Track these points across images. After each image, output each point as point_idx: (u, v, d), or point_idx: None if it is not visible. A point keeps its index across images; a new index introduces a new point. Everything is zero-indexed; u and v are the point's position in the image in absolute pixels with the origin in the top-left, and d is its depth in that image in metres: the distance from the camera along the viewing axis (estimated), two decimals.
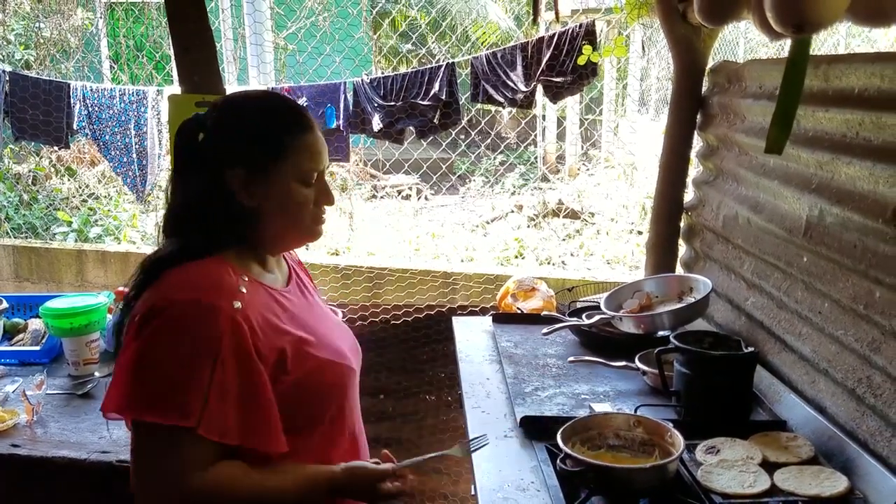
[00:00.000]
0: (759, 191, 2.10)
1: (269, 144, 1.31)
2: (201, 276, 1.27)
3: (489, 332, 2.46)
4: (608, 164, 7.20)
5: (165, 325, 1.21)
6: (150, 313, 1.22)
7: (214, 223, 1.31)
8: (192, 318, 1.21)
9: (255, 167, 1.31)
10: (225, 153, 1.31)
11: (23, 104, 3.90)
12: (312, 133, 1.35)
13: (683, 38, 2.54)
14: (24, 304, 2.68)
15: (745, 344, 1.83)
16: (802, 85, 1.38)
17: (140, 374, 1.21)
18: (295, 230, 1.39)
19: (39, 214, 5.93)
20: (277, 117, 1.34)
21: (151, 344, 1.21)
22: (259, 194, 1.32)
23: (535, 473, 1.57)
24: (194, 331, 1.21)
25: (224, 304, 1.23)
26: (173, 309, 1.21)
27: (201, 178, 1.31)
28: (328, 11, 6.16)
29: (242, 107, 1.38)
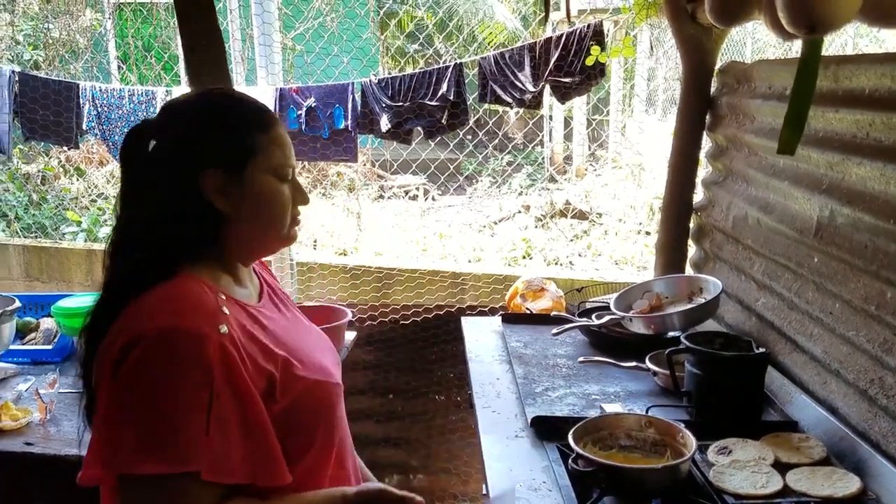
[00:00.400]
0: (769, 191, 2.10)
1: (244, 142, 1.22)
2: (178, 298, 1.13)
3: (498, 333, 2.46)
4: (615, 165, 7.20)
5: (147, 359, 1.06)
6: (126, 348, 1.07)
7: (187, 233, 1.19)
8: (177, 348, 1.07)
9: (232, 167, 1.21)
10: (197, 155, 1.20)
11: (33, 104, 3.92)
12: (280, 127, 1.28)
13: (692, 39, 2.54)
14: (35, 303, 2.69)
15: (756, 345, 1.83)
16: (815, 86, 1.38)
17: (125, 420, 1.05)
18: (274, 233, 1.28)
19: (49, 214, 5.96)
20: (247, 114, 1.25)
21: (134, 384, 1.06)
22: (236, 196, 1.21)
23: (546, 473, 1.58)
24: (182, 363, 1.06)
25: (209, 329, 1.10)
26: (153, 340, 1.07)
27: (171, 184, 1.19)
28: (336, 12, 6.18)
29: (206, 106, 1.27)
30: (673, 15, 2.55)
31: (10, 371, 2.28)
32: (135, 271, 1.16)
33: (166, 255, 1.17)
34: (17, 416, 1.98)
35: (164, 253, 1.17)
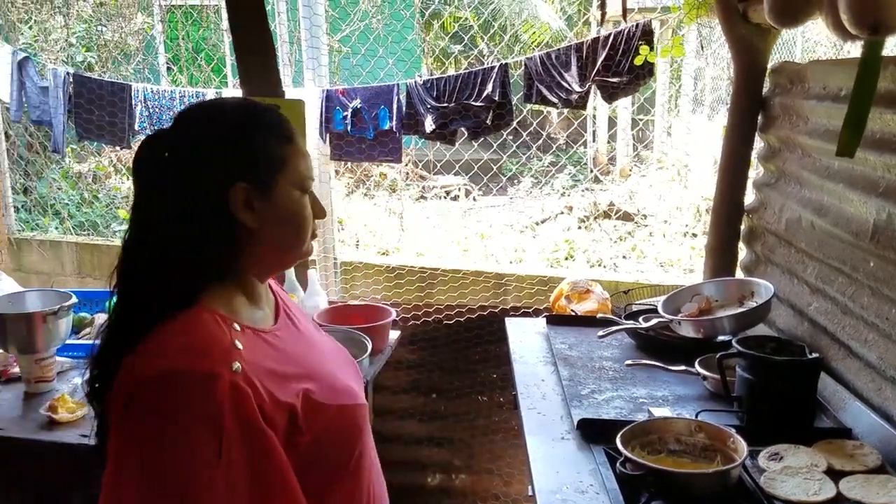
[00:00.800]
0: (823, 194, 2.06)
1: (273, 154, 1.16)
2: (189, 335, 1.07)
3: (543, 334, 2.46)
4: (661, 166, 7.12)
5: (155, 404, 1.01)
6: (133, 393, 1.02)
7: (212, 254, 1.12)
8: (186, 392, 1.01)
9: (261, 181, 1.14)
10: (225, 168, 1.13)
11: (89, 105, 4.03)
12: (298, 139, 1.22)
13: (743, 38, 2.50)
14: (90, 299, 2.76)
15: (809, 350, 1.80)
16: (875, 87, 1.35)
17: (133, 466, 1.01)
18: (297, 247, 1.22)
19: (100, 212, 6.11)
20: (272, 125, 1.18)
21: (141, 429, 1.01)
22: (263, 210, 1.15)
23: (593, 476, 1.57)
24: (192, 407, 1.01)
25: (221, 369, 1.03)
26: (159, 385, 1.02)
27: (194, 200, 1.11)
28: (382, 14, 6.23)
29: (230, 117, 1.18)
30: (724, 15, 2.52)
31: (66, 365, 2.35)
32: (156, 299, 1.09)
33: (190, 279, 1.11)
34: (74, 408, 2.04)
35: (187, 277, 1.10)
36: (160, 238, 1.11)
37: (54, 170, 6.39)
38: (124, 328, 1.10)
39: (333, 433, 1.18)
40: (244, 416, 1.03)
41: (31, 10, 6.55)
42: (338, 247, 3.88)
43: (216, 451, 1.00)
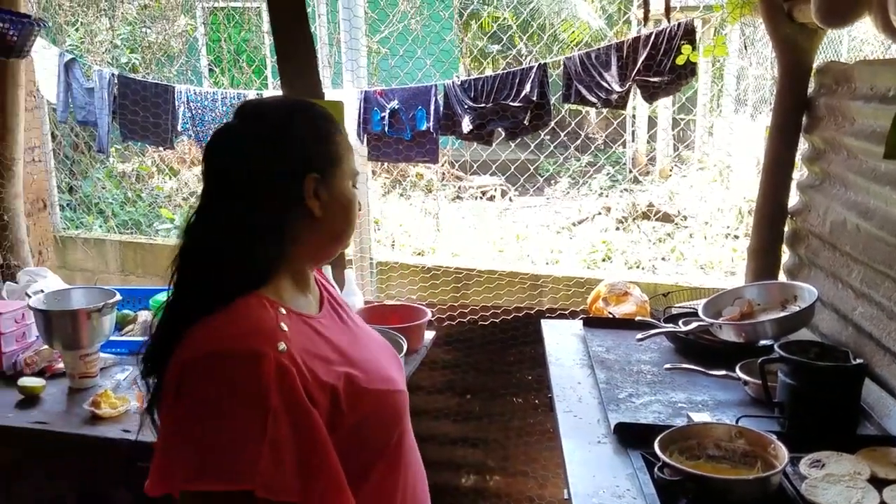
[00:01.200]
0: (869, 196, 2.02)
1: (334, 148, 1.26)
2: (236, 318, 1.13)
3: (579, 336, 2.44)
4: (702, 166, 7.01)
5: (204, 382, 1.08)
6: (185, 370, 1.09)
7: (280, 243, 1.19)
8: (234, 371, 1.07)
9: (326, 172, 1.23)
10: (299, 160, 1.21)
11: (133, 106, 4.10)
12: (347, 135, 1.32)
13: (788, 38, 2.46)
14: (133, 296, 2.81)
15: (853, 355, 1.76)
16: None
17: (185, 440, 1.07)
18: (347, 235, 1.31)
19: (143, 211, 6.23)
20: (330, 121, 1.28)
21: (192, 405, 1.08)
22: (326, 200, 1.23)
23: (630, 481, 1.55)
24: (239, 385, 1.07)
25: (267, 349, 1.09)
26: (210, 362, 1.08)
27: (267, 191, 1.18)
28: (420, 15, 6.24)
29: (298, 112, 1.27)
30: (769, 14, 2.47)
31: (109, 361, 2.40)
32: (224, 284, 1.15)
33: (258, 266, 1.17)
34: (116, 404, 2.08)
35: (255, 264, 1.17)
36: (230, 225, 1.16)
37: (99, 169, 6.54)
38: (185, 311, 1.14)
39: (374, 417, 1.22)
40: (289, 394, 1.08)
41: (78, 12, 6.70)
42: (374, 247, 3.90)
43: (262, 427, 1.05)
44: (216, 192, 1.20)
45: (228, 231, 1.17)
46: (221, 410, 1.06)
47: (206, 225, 1.19)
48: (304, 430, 1.09)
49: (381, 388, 1.25)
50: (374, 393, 1.23)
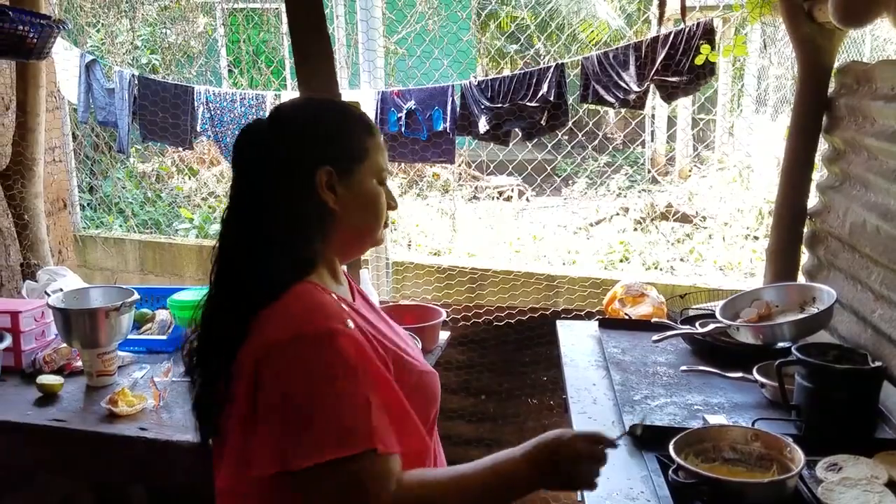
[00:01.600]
0: (889, 197, 1.99)
1: (356, 145, 1.31)
2: (306, 302, 1.20)
3: (595, 337, 2.42)
4: (722, 166, 6.96)
5: (300, 364, 1.13)
6: (265, 358, 1.14)
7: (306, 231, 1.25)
8: (322, 349, 1.14)
9: (343, 167, 1.28)
10: (314, 153, 1.26)
11: (153, 107, 4.14)
12: (380, 135, 1.37)
13: (808, 38, 2.43)
14: (151, 295, 2.83)
15: (872, 358, 1.73)
16: None
17: (293, 419, 1.12)
18: (370, 233, 1.36)
19: (163, 211, 6.28)
20: (357, 120, 1.34)
21: (293, 387, 1.12)
22: (344, 195, 1.28)
23: (645, 483, 1.54)
24: (330, 360, 1.13)
25: (341, 326, 1.17)
26: (301, 345, 1.14)
27: (287, 181, 1.24)
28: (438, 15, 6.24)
29: (320, 111, 1.35)
30: (789, 13, 2.45)
31: (127, 359, 2.42)
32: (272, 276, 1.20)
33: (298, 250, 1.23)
34: (133, 402, 2.10)
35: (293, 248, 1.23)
36: (258, 218, 1.23)
37: (119, 169, 6.60)
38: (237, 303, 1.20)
39: (417, 393, 1.28)
40: (367, 361, 1.18)
41: (99, 13, 6.77)
42: (390, 247, 3.90)
43: (362, 393, 1.13)
44: (240, 186, 1.27)
45: (256, 223, 1.23)
46: (323, 385, 1.12)
47: (237, 218, 1.26)
48: (388, 390, 1.19)
49: (421, 368, 1.35)
50: (418, 370, 1.33)
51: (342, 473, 1.10)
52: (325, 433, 1.10)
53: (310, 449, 1.09)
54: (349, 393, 1.13)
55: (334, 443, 1.10)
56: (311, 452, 1.09)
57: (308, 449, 1.10)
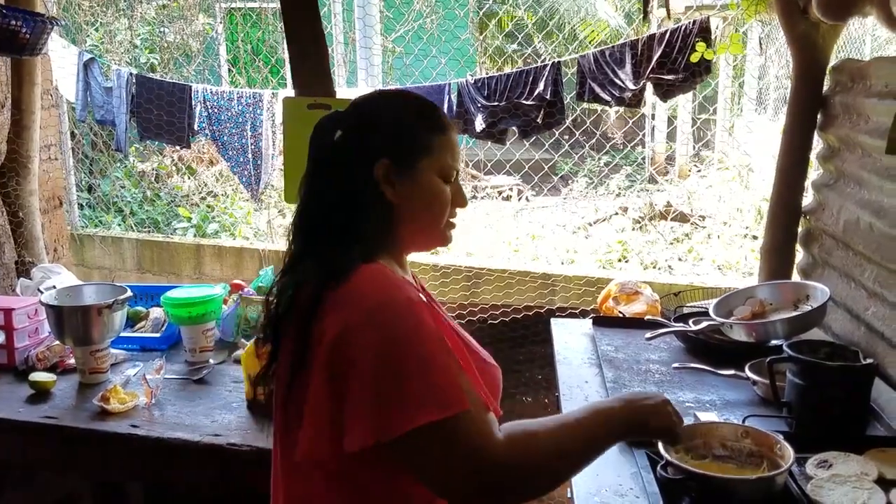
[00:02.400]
0: (883, 195, 1.99)
1: (419, 139, 1.31)
2: (382, 277, 1.23)
3: (589, 335, 2.42)
4: (721, 166, 6.94)
5: (385, 331, 1.15)
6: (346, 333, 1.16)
7: (368, 219, 1.27)
8: (404, 316, 1.16)
9: (403, 161, 1.29)
10: (375, 144, 1.29)
11: (148, 105, 4.14)
12: (453, 132, 1.36)
13: (803, 35, 2.43)
14: (145, 293, 2.83)
15: (864, 355, 1.74)
16: None
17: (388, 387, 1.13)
18: (431, 230, 1.35)
19: (161, 210, 6.28)
20: (425, 115, 1.34)
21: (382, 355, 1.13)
22: (403, 188, 1.29)
23: (634, 480, 1.54)
24: (414, 326, 1.16)
25: (414, 295, 1.21)
26: (384, 314, 1.16)
27: (351, 172, 1.28)
28: (436, 14, 6.23)
29: (389, 103, 1.37)
30: (783, 10, 2.45)
31: (120, 357, 2.41)
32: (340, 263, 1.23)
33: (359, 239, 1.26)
34: (125, 399, 2.09)
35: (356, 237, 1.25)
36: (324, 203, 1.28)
37: (118, 168, 6.60)
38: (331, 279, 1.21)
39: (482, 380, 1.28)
40: (444, 329, 1.22)
41: (97, 12, 6.77)
42: None
43: (449, 355, 1.17)
44: (311, 172, 1.32)
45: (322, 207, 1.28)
46: (410, 352, 1.14)
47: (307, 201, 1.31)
48: (463, 358, 1.23)
49: (483, 357, 1.38)
50: (481, 360, 1.35)
51: (442, 434, 1.12)
52: (419, 398, 1.12)
53: (405, 415, 1.11)
54: (436, 357, 1.15)
55: (429, 406, 1.11)
56: (406, 418, 1.11)
57: (403, 415, 1.11)
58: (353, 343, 1.14)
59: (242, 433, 1.95)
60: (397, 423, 1.11)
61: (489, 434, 1.15)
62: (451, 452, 1.13)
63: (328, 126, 1.32)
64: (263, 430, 1.96)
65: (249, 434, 1.95)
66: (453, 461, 1.13)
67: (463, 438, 1.12)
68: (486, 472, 1.13)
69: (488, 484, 1.13)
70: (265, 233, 5.47)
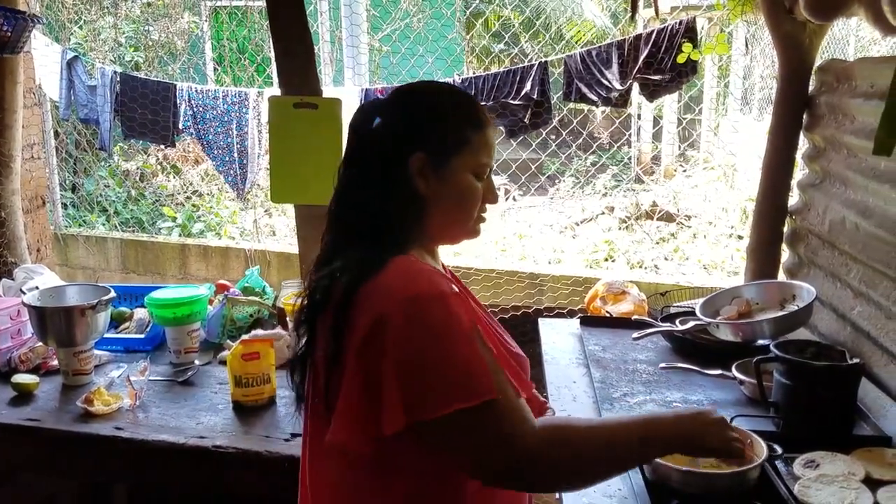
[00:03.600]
0: (868, 195, 2.00)
1: (454, 135, 1.31)
2: (416, 269, 1.24)
3: (576, 335, 2.42)
4: (707, 166, 6.98)
5: (410, 324, 1.17)
6: (377, 325, 1.17)
7: (399, 211, 1.28)
8: (437, 307, 1.18)
9: (438, 155, 1.29)
10: (411, 137, 1.29)
11: (132, 104, 4.10)
12: (491, 128, 1.36)
13: (789, 35, 2.44)
14: (130, 294, 2.81)
15: (850, 355, 1.74)
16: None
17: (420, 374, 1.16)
18: (462, 223, 1.36)
19: (146, 210, 6.23)
20: (464, 110, 1.34)
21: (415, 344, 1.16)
22: (435, 182, 1.29)
23: (622, 480, 1.54)
24: (446, 317, 1.18)
25: (447, 288, 1.21)
26: (408, 308, 1.18)
27: (384, 162, 1.29)
28: (423, 13, 6.22)
29: (429, 95, 1.37)
30: (769, 11, 2.46)
31: (104, 358, 2.39)
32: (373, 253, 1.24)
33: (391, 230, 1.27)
34: (109, 401, 2.07)
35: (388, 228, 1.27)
36: (362, 192, 1.29)
37: (102, 167, 6.54)
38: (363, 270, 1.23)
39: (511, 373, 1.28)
40: (477, 319, 1.24)
41: (81, 10, 6.70)
42: None
43: (477, 346, 1.18)
44: (348, 163, 1.33)
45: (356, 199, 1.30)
46: (442, 341, 1.16)
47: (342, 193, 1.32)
48: (497, 347, 1.26)
49: (512, 347, 1.39)
50: (510, 349, 1.36)
51: (473, 420, 1.14)
52: (450, 385, 1.14)
53: (437, 401, 1.14)
54: (466, 346, 1.17)
55: (459, 394, 1.14)
56: (439, 404, 1.14)
57: (436, 401, 1.14)
58: (386, 334, 1.16)
59: (228, 435, 1.94)
60: (430, 407, 1.14)
61: (521, 421, 1.17)
62: (483, 438, 1.15)
63: (369, 112, 1.33)
64: (249, 432, 1.95)
65: (235, 436, 1.93)
66: (485, 446, 1.16)
67: (494, 425, 1.15)
68: (515, 458, 1.15)
69: (517, 469, 1.16)
70: (251, 232, 5.44)
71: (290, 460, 1.80)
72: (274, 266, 4.46)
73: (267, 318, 2.60)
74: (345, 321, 1.21)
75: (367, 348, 1.18)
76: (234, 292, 2.63)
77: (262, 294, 2.70)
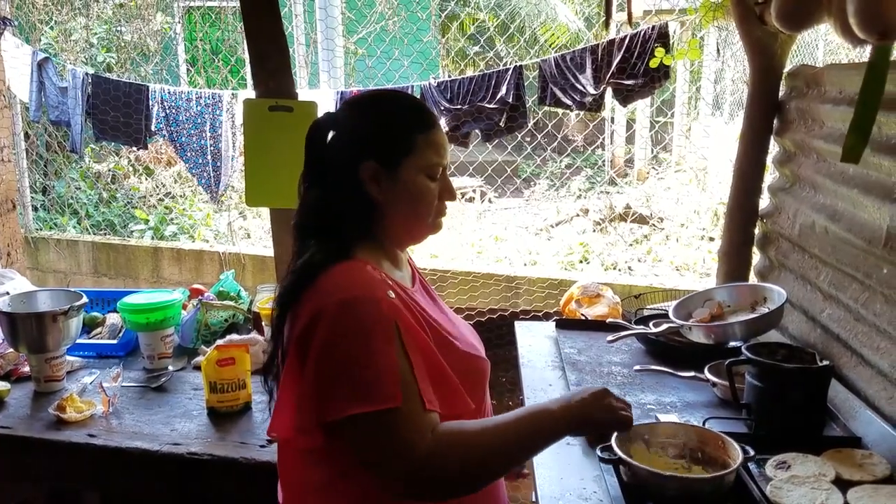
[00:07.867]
0: (837, 199, 2.03)
1: (401, 140, 1.34)
2: (353, 275, 1.28)
3: (552, 338, 2.44)
4: (679, 168, 7.05)
5: (337, 326, 1.22)
6: (311, 324, 1.23)
7: (350, 216, 1.33)
8: (359, 311, 1.22)
9: (387, 161, 1.33)
10: (361, 147, 1.34)
11: (104, 105, 4.06)
12: (438, 129, 1.39)
13: (760, 41, 2.48)
14: (102, 298, 2.77)
15: (820, 357, 1.77)
16: (882, 91, 1.32)
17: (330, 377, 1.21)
18: (419, 224, 1.40)
19: (118, 212, 6.16)
20: (408, 114, 1.38)
21: (330, 348, 1.21)
22: (388, 187, 1.34)
23: (597, 483, 1.55)
24: (367, 322, 1.22)
25: (382, 294, 1.25)
26: (337, 310, 1.22)
27: (338, 171, 1.34)
28: (398, 16, 6.22)
29: (374, 104, 1.42)
30: (740, 17, 2.49)
31: (76, 364, 2.36)
32: (320, 255, 1.30)
33: (337, 241, 1.31)
34: (82, 408, 2.04)
35: (335, 239, 1.31)
36: (318, 202, 1.35)
37: (73, 169, 6.45)
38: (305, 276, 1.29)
39: (461, 374, 1.34)
40: (407, 326, 1.26)
41: (52, 11, 6.61)
42: None
43: (397, 354, 1.21)
44: (308, 173, 1.38)
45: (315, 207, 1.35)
46: (358, 345, 1.21)
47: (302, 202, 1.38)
48: (429, 354, 1.28)
49: (465, 349, 1.40)
50: (461, 350, 1.38)
51: (373, 426, 1.19)
52: (355, 389, 1.19)
53: (339, 403, 1.19)
54: (382, 354, 1.20)
55: (361, 398, 1.18)
56: (340, 406, 1.19)
57: (338, 403, 1.19)
58: (315, 334, 1.22)
59: (203, 442, 1.92)
60: (333, 410, 1.19)
61: (418, 430, 1.20)
62: (381, 443, 1.20)
63: (323, 126, 1.38)
64: (224, 439, 1.94)
65: (210, 443, 1.92)
66: (382, 451, 1.20)
67: (392, 432, 1.19)
68: (411, 465, 1.19)
69: (414, 476, 1.20)
70: (226, 235, 5.40)
71: (267, 466, 1.79)
72: (249, 269, 4.44)
73: (242, 322, 2.58)
74: (289, 320, 1.28)
75: (300, 347, 1.24)
76: (208, 296, 2.60)
77: (237, 298, 2.68)
